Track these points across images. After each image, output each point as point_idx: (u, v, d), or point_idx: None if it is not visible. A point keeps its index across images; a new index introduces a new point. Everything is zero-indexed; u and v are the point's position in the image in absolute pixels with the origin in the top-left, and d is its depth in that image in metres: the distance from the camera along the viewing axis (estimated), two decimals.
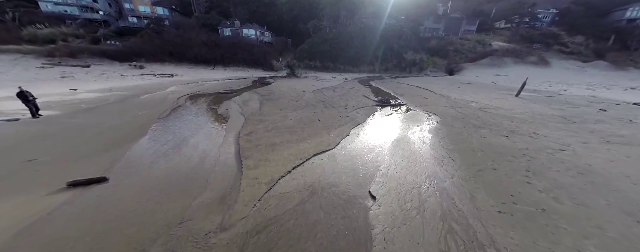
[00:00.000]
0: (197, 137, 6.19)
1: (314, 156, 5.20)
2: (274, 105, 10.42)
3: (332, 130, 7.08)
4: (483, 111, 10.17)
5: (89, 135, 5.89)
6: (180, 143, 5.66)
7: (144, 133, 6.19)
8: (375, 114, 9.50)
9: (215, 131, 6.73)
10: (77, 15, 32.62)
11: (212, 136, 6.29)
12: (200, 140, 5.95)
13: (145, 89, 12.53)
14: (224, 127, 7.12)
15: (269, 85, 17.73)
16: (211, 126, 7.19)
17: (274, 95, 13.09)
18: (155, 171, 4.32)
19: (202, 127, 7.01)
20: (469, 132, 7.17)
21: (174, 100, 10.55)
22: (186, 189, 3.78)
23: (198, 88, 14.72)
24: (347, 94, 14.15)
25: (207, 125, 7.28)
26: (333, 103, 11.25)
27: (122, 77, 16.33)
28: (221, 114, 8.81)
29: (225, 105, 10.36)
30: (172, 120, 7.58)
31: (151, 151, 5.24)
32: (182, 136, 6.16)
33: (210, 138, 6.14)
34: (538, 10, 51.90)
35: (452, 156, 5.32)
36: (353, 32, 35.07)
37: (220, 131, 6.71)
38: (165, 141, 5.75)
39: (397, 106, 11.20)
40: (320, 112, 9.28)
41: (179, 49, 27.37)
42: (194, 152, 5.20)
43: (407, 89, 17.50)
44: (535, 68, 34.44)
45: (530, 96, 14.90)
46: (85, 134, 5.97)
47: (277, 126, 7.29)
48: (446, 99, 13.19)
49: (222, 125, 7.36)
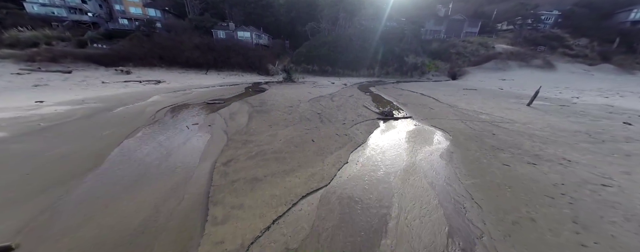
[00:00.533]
0: (163, 168, 5.18)
1: (304, 198, 4.20)
2: (263, 119, 9.44)
3: (328, 155, 6.09)
4: (497, 126, 9.22)
5: (27, 168, 4.87)
6: (138, 180, 4.64)
7: (97, 164, 5.17)
8: (377, 131, 8.53)
9: (188, 158, 5.72)
10: (64, 17, 31.72)
11: (182, 166, 5.28)
12: (164, 173, 4.93)
13: (124, 99, 11.51)
14: (201, 152, 6.11)
15: (263, 93, 16.77)
16: (185, 151, 6.19)
17: (265, 105, 12.12)
18: (87, 230, 3.30)
19: (173, 153, 6.01)
20: (487, 157, 6.19)
21: (152, 114, 9.55)
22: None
23: (184, 97, 13.73)
24: (346, 104, 13.19)
25: (181, 149, 6.27)
26: (330, 116, 10.28)
27: (104, 84, 15.31)
28: (201, 131, 7.81)
29: (209, 119, 9.37)
30: (140, 143, 6.57)
31: (96, 193, 4.23)
32: (144, 167, 5.14)
33: (179, 170, 5.13)
34: (541, 12, 51.55)
35: (475, 197, 4.34)
36: (352, 35, 34.33)
37: (193, 158, 5.71)
38: (119, 177, 4.73)
39: (401, 119, 10.24)
40: (315, 129, 8.30)
41: (170, 53, 26.46)
42: (150, 195, 4.18)
43: (410, 97, 16.58)
44: (541, 72, 33.75)
45: (543, 105, 14.01)
46: (24, 166, 4.95)
47: (263, 149, 6.29)
48: (453, 110, 12.26)
49: (199, 148, 6.36)
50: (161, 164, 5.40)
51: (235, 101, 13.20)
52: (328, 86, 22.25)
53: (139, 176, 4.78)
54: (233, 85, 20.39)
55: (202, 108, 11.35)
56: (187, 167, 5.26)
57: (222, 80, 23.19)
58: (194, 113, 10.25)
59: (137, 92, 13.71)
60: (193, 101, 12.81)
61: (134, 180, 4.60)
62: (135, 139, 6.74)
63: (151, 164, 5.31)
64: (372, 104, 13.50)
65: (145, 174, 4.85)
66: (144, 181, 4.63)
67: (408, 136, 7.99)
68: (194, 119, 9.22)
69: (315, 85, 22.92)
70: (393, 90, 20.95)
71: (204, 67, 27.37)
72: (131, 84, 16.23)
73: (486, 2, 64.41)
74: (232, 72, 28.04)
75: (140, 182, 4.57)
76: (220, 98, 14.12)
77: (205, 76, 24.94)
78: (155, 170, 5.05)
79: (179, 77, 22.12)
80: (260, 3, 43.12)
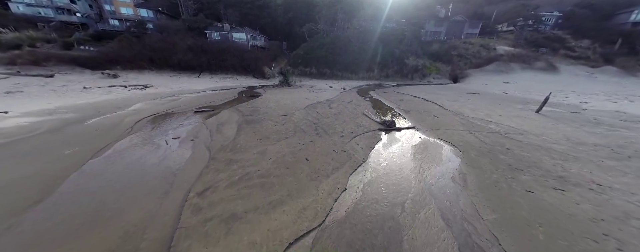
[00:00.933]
0: (124, 200, 4.36)
1: (291, 245, 3.41)
2: (254, 131, 8.64)
3: (323, 179, 5.31)
4: (509, 138, 8.50)
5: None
6: (87, 221, 3.82)
7: (44, 196, 4.35)
8: (379, 145, 7.77)
9: (158, 186, 4.91)
10: (51, 18, 30.78)
11: (147, 199, 4.46)
12: (124, 210, 4.12)
13: (102, 108, 10.66)
14: (174, 176, 5.30)
15: (256, 99, 15.97)
16: (156, 175, 5.37)
17: (258, 114, 11.32)
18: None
19: (142, 177, 5.19)
20: (506, 180, 5.45)
21: (130, 126, 8.72)
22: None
23: (171, 104, 12.90)
24: (344, 111, 12.44)
25: (152, 173, 5.46)
26: (327, 126, 9.51)
27: (85, 90, 14.43)
28: (182, 147, 7.00)
29: (194, 131, 8.56)
30: (104, 165, 5.74)
31: (34, 237, 3.41)
32: (99, 202, 4.31)
33: (142, 203, 4.31)
34: (541, 13, 51.40)
35: (502, 241, 3.57)
36: (351, 36, 33.69)
37: (164, 185, 4.90)
38: (66, 216, 3.90)
39: (404, 130, 9.50)
40: (310, 144, 7.52)
41: (161, 55, 25.61)
42: (99, 243, 3.37)
43: (413, 103, 15.87)
44: (544, 74, 33.30)
45: (553, 112, 13.35)
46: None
47: (248, 172, 5.50)
48: (459, 118, 11.55)
49: (173, 171, 5.55)
50: (123, 193, 4.58)
51: (226, 109, 12.39)
52: (326, 90, 21.51)
53: (91, 215, 3.95)
54: (226, 90, 19.58)
55: (188, 117, 10.53)
56: (153, 199, 4.44)
57: (214, 84, 22.37)
58: (178, 124, 9.43)
59: (119, 99, 12.85)
60: (180, 109, 11.99)
61: (82, 221, 3.78)
62: (101, 161, 5.91)
63: (108, 197, 4.47)
64: (373, 112, 12.76)
65: (100, 211, 4.03)
66: (96, 221, 3.81)
67: (414, 151, 7.23)
68: (177, 132, 8.41)
69: (313, 89, 22.17)
70: (394, 94, 20.24)
71: (197, 70, 26.53)
72: (115, 90, 15.35)
73: (485, 2, 64.36)
74: (227, 75, 27.23)
75: (90, 223, 3.75)
76: (209, 105, 13.31)
77: (198, 80, 24.10)
78: (113, 205, 4.23)
79: (170, 81, 21.26)
80: (257, 3, 42.43)
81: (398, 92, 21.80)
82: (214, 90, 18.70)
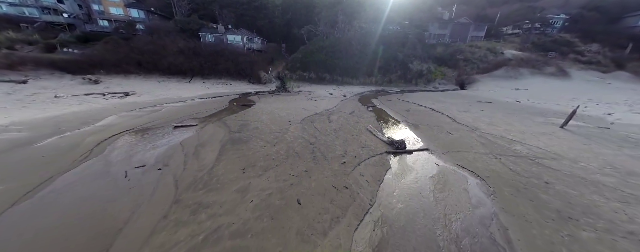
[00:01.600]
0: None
1: None
2: (238, 156, 7.34)
3: (319, 240, 4.00)
4: (543, 166, 7.23)
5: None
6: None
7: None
8: (388, 176, 6.47)
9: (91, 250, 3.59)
10: (36, 18, 29.61)
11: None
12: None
13: (64, 123, 9.36)
14: (118, 232, 3.99)
15: (249, 108, 14.70)
16: (95, 229, 4.06)
17: (246, 130, 10.03)
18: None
19: (73, 236, 3.88)
20: (563, 239, 4.15)
21: (90, 147, 7.42)
22: None
23: (150, 117, 11.60)
24: (345, 126, 11.16)
25: (91, 225, 4.15)
26: (327, 148, 8.23)
27: (55, 99, 13.12)
28: (143, 181, 5.69)
29: (165, 155, 7.26)
30: (33, 211, 4.44)
31: None
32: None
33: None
34: (549, 15, 50.64)
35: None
36: (352, 39, 32.57)
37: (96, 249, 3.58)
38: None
39: (416, 152, 8.22)
40: (304, 175, 6.22)
41: (150, 58, 24.38)
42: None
43: (421, 114, 14.61)
44: (555, 80, 32.17)
45: (579, 128, 12.10)
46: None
47: (218, 227, 4.19)
48: (477, 135, 10.28)
49: (120, 222, 4.23)
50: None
51: (212, 122, 11.10)
52: (325, 98, 20.27)
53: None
54: (217, 98, 18.31)
55: (165, 134, 9.23)
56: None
57: (205, 90, 21.10)
58: (150, 144, 8.13)
59: (90, 110, 11.54)
60: (158, 123, 10.69)
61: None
62: (28, 206, 4.58)
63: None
64: (377, 126, 11.49)
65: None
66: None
67: (433, 187, 5.93)
68: (144, 157, 7.10)
69: (311, 96, 20.93)
70: (399, 103, 18.99)
71: (188, 74, 25.28)
72: (91, 99, 14.06)
73: (487, 4, 63.70)
74: (220, 80, 25.97)
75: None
76: (195, 117, 12.03)
77: (188, 85, 22.85)
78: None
79: (156, 88, 20.00)
80: (254, 4, 41.44)
81: (403, 100, 20.55)
82: (203, 98, 17.43)
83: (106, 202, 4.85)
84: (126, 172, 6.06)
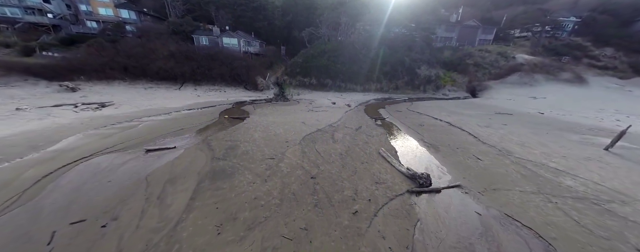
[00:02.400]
0: None
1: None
2: (215, 202, 5.68)
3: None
4: (615, 214, 5.59)
5: None
6: None
7: None
8: (417, 237, 4.80)
9: None
10: (19, 18, 28.23)
11: None
12: None
13: (6, 149, 7.72)
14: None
15: (241, 123, 13.08)
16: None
17: (233, 156, 8.39)
18: None
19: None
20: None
21: (23, 187, 5.79)
22: None
23: (121, 136, 9.96)
24: (353, 149, 9.51)
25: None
26: (332, 184, 6.59)
27: (15, 112, 11.50)
28: (71, 249, 4.04)
29: (118, 198, 5.60)
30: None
31: None
32: None
33: None
34: (560, 18, 49.41)
35: None
36: (356, 42, 31.13)
37: None
38: None
39: (444, 191, 6.56)
40: (303, 237, 4.57)
41: (138, 63, 22.88)
42: None
43: (437, 130, 12.97)
44: (572, 87, 30.62)
45: (626, 149, 10.45)
46: None
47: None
48: (512, 162, 8.65)
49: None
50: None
51: (194, 144, 9.46)
52: (328, 108, 18.65)
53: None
54: (206, 108, 16.69)
55: (130, 163, 7.58)
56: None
57: (196, 99, 19.51)
58: (106, 180, 6.47)
59: (49, 129, 9.89)
60: (129, 145, 9.05)
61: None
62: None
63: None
64: (391, 149, 9.84)
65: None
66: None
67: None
68: (91, 202, 5.44)
69: (313, 106, 19.32)
70: (409, 114, 17.37)
71: (179, 80, 23.75)
72: (58, 111, 12.43)
73: (493, 7, 62.54)
74: (213, 87, 24.42)
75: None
76: (177, 134, 10.40)
77: (178, 93, 21.28)
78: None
79: (140, 96, 18.41)
80: (252, 5, 40.12)
81: (413, 111, 18.93)
82: (191, 109, 15.81)
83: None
84: (53, 235, 4.40)
